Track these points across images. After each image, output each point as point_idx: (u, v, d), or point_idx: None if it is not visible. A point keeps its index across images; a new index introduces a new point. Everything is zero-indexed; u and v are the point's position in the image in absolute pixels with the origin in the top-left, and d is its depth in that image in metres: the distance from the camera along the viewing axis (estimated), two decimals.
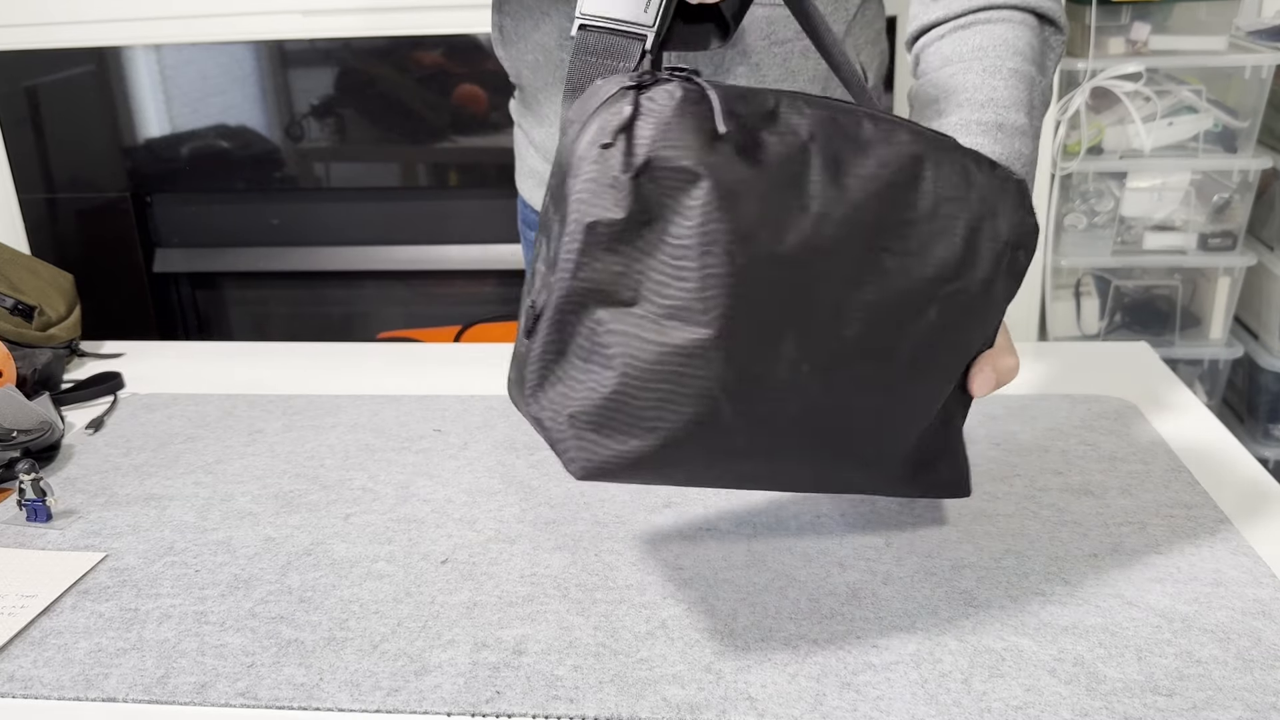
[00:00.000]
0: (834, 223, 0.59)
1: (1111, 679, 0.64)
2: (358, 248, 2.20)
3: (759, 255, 0.57)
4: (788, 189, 0.58)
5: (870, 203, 0.60)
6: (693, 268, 0.56)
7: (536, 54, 1.03)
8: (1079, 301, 2.16)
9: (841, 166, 0.59)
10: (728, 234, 0.56)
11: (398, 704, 0.64)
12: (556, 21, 0.99)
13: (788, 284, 0.58)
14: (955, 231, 0.63)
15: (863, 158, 0.60)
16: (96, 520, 0.85)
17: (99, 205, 2.22)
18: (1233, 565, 0.74)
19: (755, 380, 0.59)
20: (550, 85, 1.05)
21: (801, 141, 0.58)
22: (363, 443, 0.97)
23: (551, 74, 1.03)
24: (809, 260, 0.58)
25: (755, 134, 0.57)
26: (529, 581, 0.75)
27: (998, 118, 0.82)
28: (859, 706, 0.62)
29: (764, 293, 0.57)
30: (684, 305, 0.57)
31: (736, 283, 0.56)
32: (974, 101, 0.83)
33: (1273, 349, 2.07)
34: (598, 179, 0.57)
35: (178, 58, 2.09)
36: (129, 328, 2.26)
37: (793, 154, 0.58)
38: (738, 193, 0.56)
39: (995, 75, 0.84)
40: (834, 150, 0.59)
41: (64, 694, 0.66)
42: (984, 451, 0.91)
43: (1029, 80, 0.85)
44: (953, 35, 0.88)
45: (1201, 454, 0.90)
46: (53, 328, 1.17)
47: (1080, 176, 2.06)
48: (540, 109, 1.09)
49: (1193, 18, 1.99)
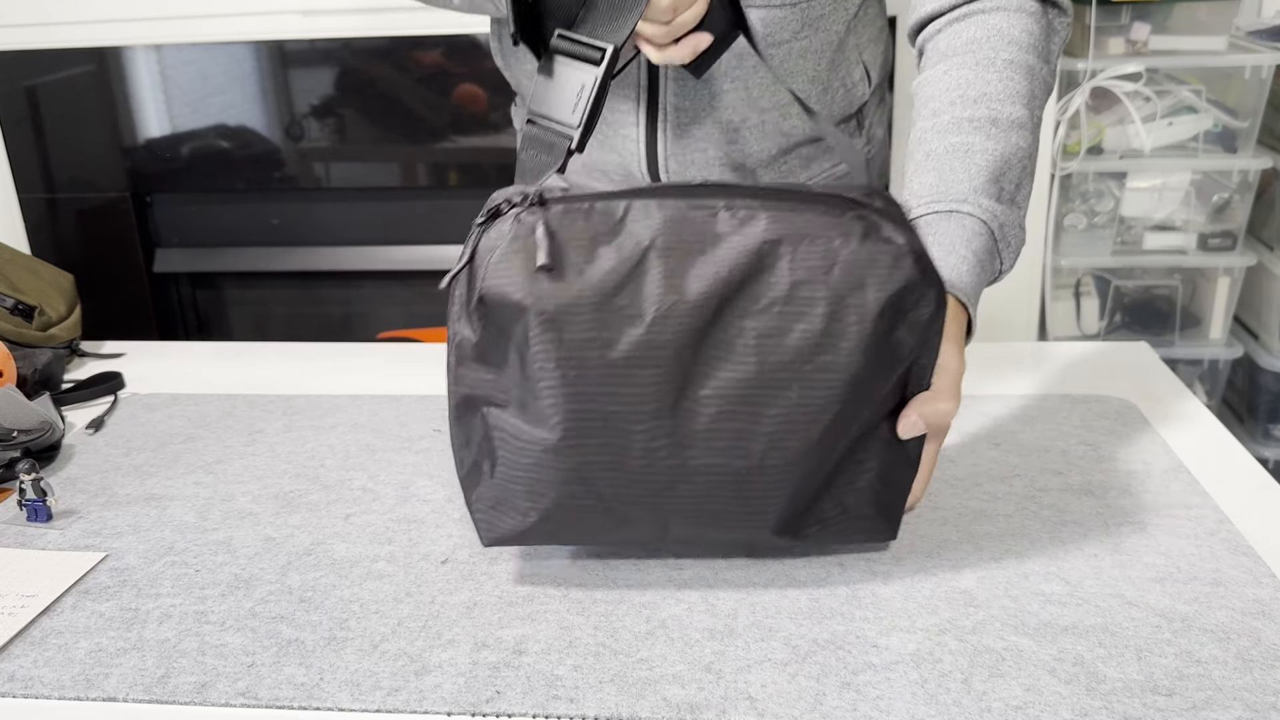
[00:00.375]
0: (672, 323, 0.64)
1: (1111, 679, 0.64)
2: (358, 248, 2.20)
3: (591, 365, 0.64)
4: (619, 301, 0.64)
5: (711, 300, 0.64)
6: (536, 380, 0.65)
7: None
8: (1079, 301, 2.16)
9: (681, 268, 0.64)
10: (558, 354, 0.64)
11: (398, 704, 0.64)
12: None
13: (627, 385, 0.65)
14: (815, 312, 0.65)
15: (708, 255, 0.65)
16: (97, 520, 0.86)
17: (99, 205, 2.22)
18: (1232, 565, 0.74)
19: (613, 466, 0.67)
20: None
21: (642, 249, 0.65)
22: (363, 443, 0.97)
23: None
24: (646, 360, 0.64)
25: (592, 251, 0.64)
26: (529, 581, 0.75)
27: (991, 113, 0.82)
28: (859, 706, 0.62)
29: (604, 396, 0.65)
30: (537, 411, 0.66)
31: (573, 392, 0.65)
32: (966, 98, 0.83)
33: (1272, 349, 2.07)
34: (459, 304, 0.68)
35: (178, 58, 2.09)
36: (129, 328, 2.26)
37: (629, 265, 0.64)
38: (563, 318, 0.64)
39: (989, 69, 0.84)
40: (676, 253, 0.65)
41: (64, 694, 0.66)
42: (984, 452, 0.91)
43: (1027, 70, 0.84)
44: (949, 29, 0.88)
45: (1201, 454, 0.90)
46: (53, 328, 1.18)
47: (1080, 176, 2.06)
48: None
49: (1193, 18, 1.99)
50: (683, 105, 0.97)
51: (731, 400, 0.66)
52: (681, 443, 0.67)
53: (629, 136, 1.01)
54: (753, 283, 0.65)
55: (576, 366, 0.65)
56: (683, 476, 0.67)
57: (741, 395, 0.66)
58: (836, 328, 0.65)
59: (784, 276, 0.65)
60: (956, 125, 0.82)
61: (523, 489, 0.69)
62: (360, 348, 1.21)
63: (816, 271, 0.65)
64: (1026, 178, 0.83)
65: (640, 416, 0.66)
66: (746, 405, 0.66)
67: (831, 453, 0.68)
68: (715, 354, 0.66)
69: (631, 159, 1.02)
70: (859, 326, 0.65)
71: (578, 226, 0.65)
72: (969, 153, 0.81)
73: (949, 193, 0.79)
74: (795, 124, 1.01)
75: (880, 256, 0.65)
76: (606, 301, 0.64)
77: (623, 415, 0.65)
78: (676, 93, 0.97)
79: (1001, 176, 0.80)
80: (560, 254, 0.65)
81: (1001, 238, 0.80)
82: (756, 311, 0.65)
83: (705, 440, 0.67)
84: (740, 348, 0.65)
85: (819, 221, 0.65)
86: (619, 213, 0.65)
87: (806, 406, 0.66)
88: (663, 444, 0.66)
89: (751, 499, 0.68)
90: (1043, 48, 0.86)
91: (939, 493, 0.84)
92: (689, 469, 0.67)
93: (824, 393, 0.66)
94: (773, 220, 0.65)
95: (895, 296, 0.65)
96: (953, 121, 0.82)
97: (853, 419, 0.68)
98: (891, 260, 0.65)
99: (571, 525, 0.71)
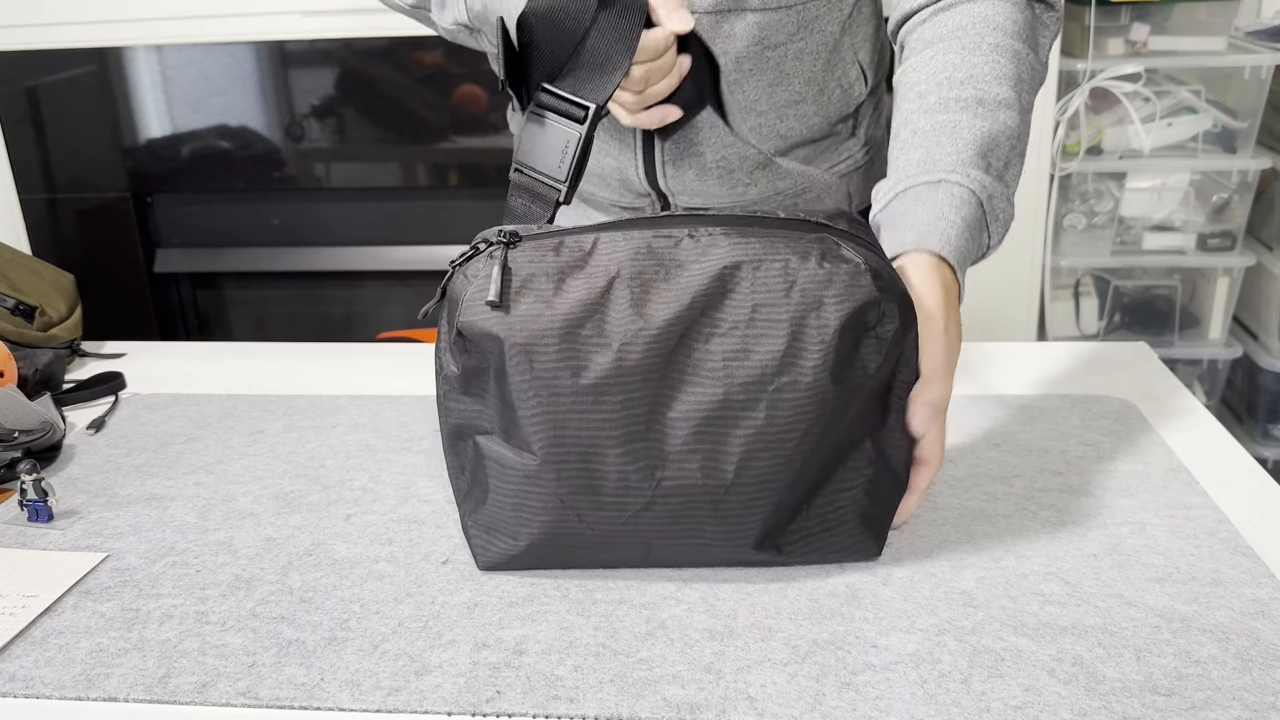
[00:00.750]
0: (639, 348, 0.67)
1: (1110, 679, 0.64)
2: (358, 248, 2.20)
3: (563, 392, 0.67)
4: (587, 330, 0.67)
5: (676, 324, 0.67)
6: (516, 408, 0.68)
7: None
8: (1078, 302, 2.16)
9: (647, 295, 0.67)
10: (531, 382, 0.67)
11: (398, 704, 0.64)
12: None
13: (599, 410, 0.67)
14: (777, 332, 0.67)
15: (671, 282, 0.68)
16: (98, 520, 0.86)
17: (99, 205, 2.22)
18: (1232, 565, 0.74)
19: (592, 490, 0.69)
20: None
21: (610, 278, 0.68)
22: (363, 443, 0.97)
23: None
24: (616, 385, 0.67)
25: (562, 283, 0.68)
26: (529, 582, 0.75)
27: (978, 93, 0.82)
28: (859, 706, 0.62)
29: (577, 421, 0.68)
30: (520, 438, 0.70)
31: (549, 419, 0.68)
32: (953, 80, 0.83)
33: (1272, 349, 2.07)
34: (443, 337, 0.72)
35: (178, 58, 2.09)
36: (130, 328, 2.27)
37: (596, 295, 0.67)
38: (534, 347, 0.67)
39: (975, 52, 0.84)
40: (641, 281, 0.68)
41: (65, 694, 0.66)
42: (984, 452, 0.91)
43: (1013, 54, 0.84)
44: (933, 19, 0.88)
45: (1201, 454, 0.90)
46: (54, 328, 1.18)
47: (1080, 177, 2.06)
48: None
49: (1192, 18, 1.99)
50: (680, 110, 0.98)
51: (701, 421, 0.68)
52: (655, 464, 0.69)
53: (627, 144, 1.01)
54: (716, 306, 0.68)
55: (550, 394, 0.67)
56: (659, 497, 0.69)
57: (711, 416, 0.68)
58: (798, 346, 0.67)
59: (745, 299, 0.67)
60: (943, 105, 0.82)
61: (512, 514, 0.72)
62: (360, 348, 1.21)
63: (776, 293, 0.67)
64: (1015, 158, 0.82)
65: (613, 440, 0.68)
66: (716, 425, 0.68)
67: (807, 469, 0.70)
68: (683, 377, 0.68)
69: (629, 166, 1.03)
70: (820, 345, 0.67)
71: (548, 260, 0.69)
72: (956, 129, 0.80)
73: (936, 166, 0.79)
74: (792, 125, 1.02)
75: (838, 275, 0.67)
76: (575, 330, 0.67)
77: (597, 439, 0.68)
78: (673, 97, 0.97)
79: (989, 152, 0.80)
80: (521, 289, 0.68)
81: (990, 210, 0.79)
82: (720, 334, 0.68)
83: (678, 461, 0.69)
84: (707, 370, 0.68)
85: (779, 244, 0.68)
86: (588, 246, 0.69)
87: (775, 424, 0.68)
88: (637, 466, 0.69)
89: (729, 517, 0.70)
90: (1029, 36, 0.86)
91: (939, 493, 0.85)
92: (664, 490, 0.69)
93: (790, 411, 0.68)
94: (733, 245, 0.68)
95: (855, 314, 0.67)
96: (939, 101, 0.82)
97: (824, 436, 0.69)
98: (849, 278, 0.67)
99: (560, 549, 0.73)
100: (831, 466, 0.72)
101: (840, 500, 0.73)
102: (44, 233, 2.25)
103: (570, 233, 0.70)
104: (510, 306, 0.68)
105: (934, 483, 0.86)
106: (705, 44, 0.90)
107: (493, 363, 0.69)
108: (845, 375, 0.68)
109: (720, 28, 0.93)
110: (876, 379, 0.70)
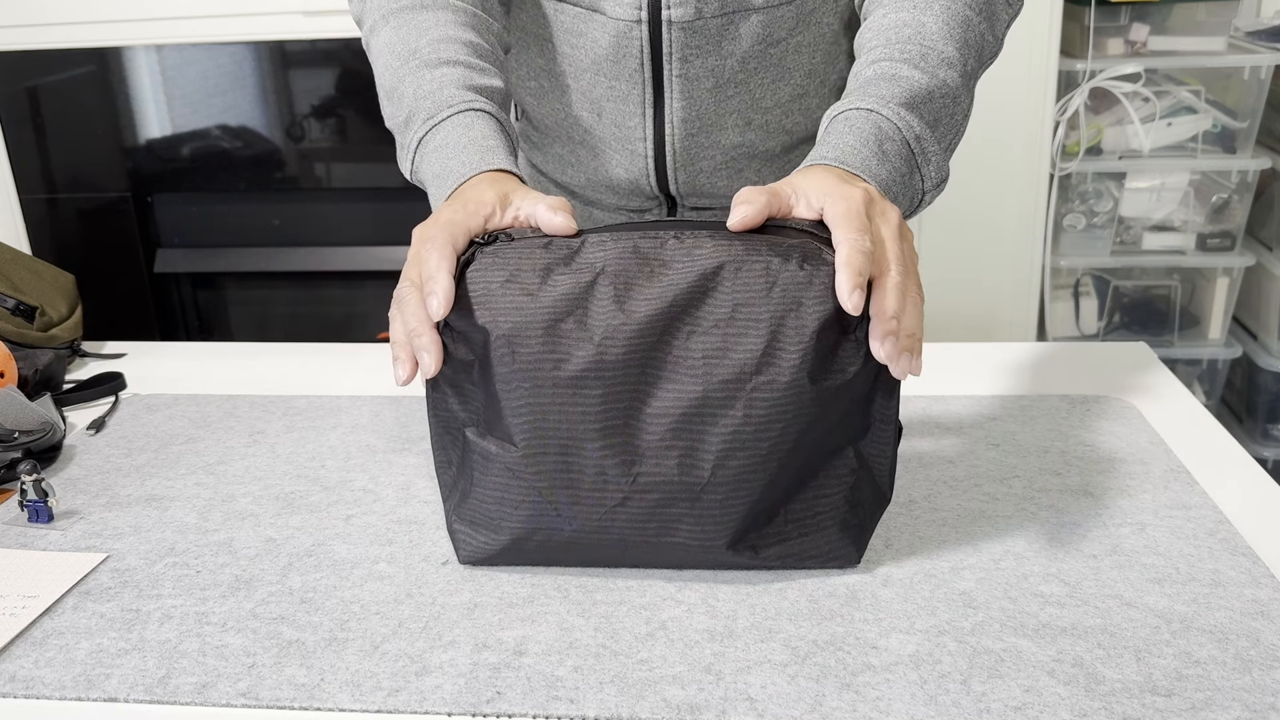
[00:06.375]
0: (620, 344, 0.68)
1: (1110, 680, 0.64)
2: (358, 248, 2.20)
3: (544, 384, 0.68)
4: (569, 324, 0.68)
5: (658, 321, 0.68)
6: (499, 399, 0.70)
7: (541, 80, 1.03)
8: (1078, 302, 2.16)
9: (630, 291, 0.68)
10: (516, 371, 0.68)
11: (399, 704, 0.64)
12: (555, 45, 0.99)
13: (578, 403, 0.68)
14: (756, 331, 0.68)
15: (655, 279, 0.69)
16: (98, 521, 0.86)
17: (100, 205, 2.22)
18: (1231, 566, 0.74)
19: (569, 484, 0.70)
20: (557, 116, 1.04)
21: (594, 273, 0.69)
22: (364, 444, 0.97)
23: (558, 100, 1.03)
24: (596, 379, 0.68)
25: (547, 276, 0.69)
26: (529, 582, 0.75)
27: (922, 49, 0.81)
28: (859, 707, 0.62)
29: (557, 413, 0.69)
30: (503, 430, 0.71)
31: (529, 409, 0.69)
32: (901, 36, 0.83)
33: (1271, 349, 2.07)
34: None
35: (178, 58, 2.09)
36: (130, 328, 2.27)
37: (581, 289, 0.69)
38: (517, 338, 0.68)
39: (925, 12, 0.84)
40: (625, 278, 0.69)
41: (65, 694, 0.66)
42: (983, 452, 0.91)
43: (963, 20, 0.84)
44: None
45: (1200, 454, 0.90)
46: (54, 328, 1.18)
47: (1079, 177, 2.06)
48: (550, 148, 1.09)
49: (1192, 18, 1.99)
50: (689, 116, 0.98)
51: (680, 417, 0.69)
52: (633, 459, 0.69)
53: (637, 152, 1.01)
54: (697, 304, 0.68)
55: (532, 384, 0.69)
56: (636, 492, 0.70)
57: (689, 412, 0.68)
58: (777, 346, 0.68)
59: (726, 298, 0.68)
60: (887, 56, 0.82)
61: (494, 508, 0.73)
62: (361, 348, 1.21)
63: (757, 293, 0.68)
64: (949, 115, 0.81)
65: (592, 433, 0.69)
66: (694, 422, 0.69)
67: (784, 470, 0.70)
68: (662, 373, 0.69)
69: (641, 177, 1.03)
70: (799, 345, 0.67)
71: (535, 255, 0.70)
72: (895, 78, 0.80)
73: (870, 101, 0.79)
74: (797, 120, 1.02)
75: (818, 277, 0.67)
76: (558, 323, 0.68)
77: (575, 432, 0.69)
78: (683, 105, 0.97)
79: (924, 104, 0.79)
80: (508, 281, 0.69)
81: (920, 152, 0.78)
82: (701, 332, 0.68)
83: (655, 456, 0.69)
84: (686, 366, 0.68)
85: (762, 246, 0.69)
86: (575, 244, 0.71)
87: (752, 423, 0.68)
88: (615, 460, 0.69)
89: (705, 516, 0.70)
90: (985, 8, 0.85)
91: (938, 493, 0.85)
92: (641, 484, 0.70)
93: (767, 410, 0.68)
94: (717, 246, 0.69)
95: (833, 316, 0.67)
96: (884, 53, 0.82)
97: (801, 437, 0.69)
98: (828, 280, 0.67)
99: (538, 544, 0.73)
100: (811, 471, 0.72)
101: (819, 506, 0.73)
102: (44, 233, 2.25)
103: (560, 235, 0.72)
104: (497, 299, 0.69)
105: (933, 482, 0.86)
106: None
107: (479, 353, 0.70)
108: (823, 376, 0.69)
109: (727, 30, 0.94)
110: (856, 382, 0.70)
